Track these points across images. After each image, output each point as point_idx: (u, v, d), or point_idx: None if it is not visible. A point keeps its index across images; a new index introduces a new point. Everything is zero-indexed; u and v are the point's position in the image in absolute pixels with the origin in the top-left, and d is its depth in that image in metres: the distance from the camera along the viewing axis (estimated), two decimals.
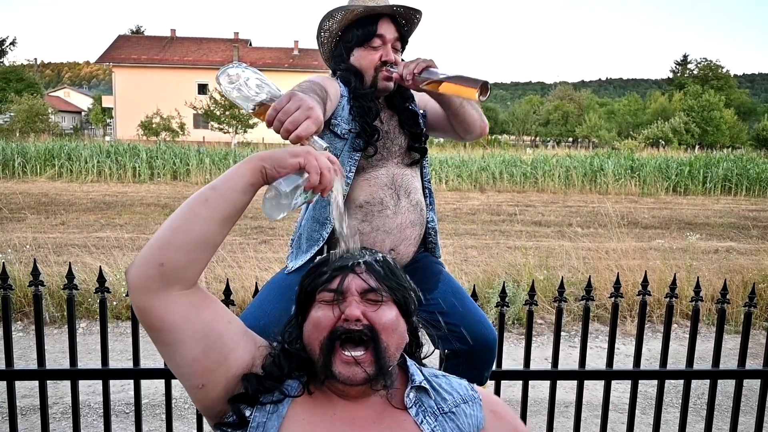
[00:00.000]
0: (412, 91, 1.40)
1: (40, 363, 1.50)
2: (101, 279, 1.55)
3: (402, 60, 1.36)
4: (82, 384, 2.14)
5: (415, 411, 0.81)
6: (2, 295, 1.46)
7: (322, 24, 1.37)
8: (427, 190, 1.45)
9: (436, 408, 0.83)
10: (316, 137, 0.89)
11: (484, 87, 1.17)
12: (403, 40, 1.38)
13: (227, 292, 1.63)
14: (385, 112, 1.38)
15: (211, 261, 0.76)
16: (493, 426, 0.85)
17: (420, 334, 0.91)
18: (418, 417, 0.81)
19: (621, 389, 2.71)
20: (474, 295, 1.60)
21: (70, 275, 1.53)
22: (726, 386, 2.57)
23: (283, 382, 0.81)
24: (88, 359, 3.09)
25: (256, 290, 1.60)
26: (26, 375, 1.52)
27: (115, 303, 3.73)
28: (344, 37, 1.36)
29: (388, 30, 1.33)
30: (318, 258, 0.90)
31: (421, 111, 1.45)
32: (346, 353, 0.76)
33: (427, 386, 0.84)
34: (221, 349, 0.80)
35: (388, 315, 0.80)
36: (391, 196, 1.33)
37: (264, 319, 1.31)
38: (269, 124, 0.91)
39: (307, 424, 0.77)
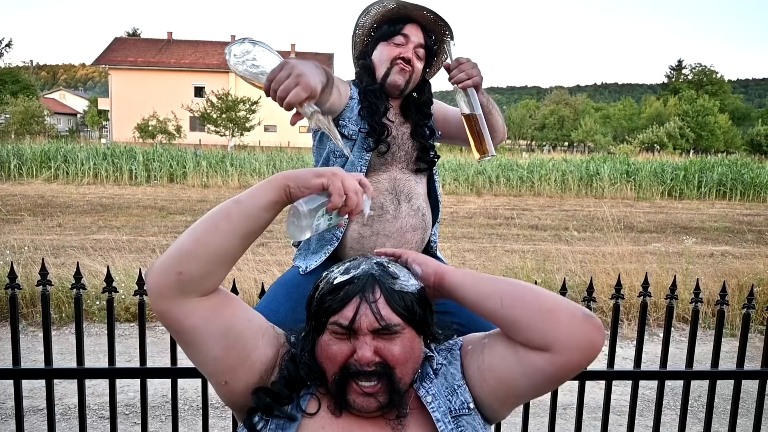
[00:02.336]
0: (432, 108, 1.44)
1: (47, 362, 1.50)
2: (109, 278, 1.56)
3: (414, 66, 1.35)
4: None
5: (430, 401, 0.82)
6: (10, 295, 1.46)
7: (358, 21, 1.41)
8: (433, 199, 1.44)
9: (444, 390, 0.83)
10: (308, 105, 0.87)
11: (486, 156, 1.29)
12: (428, 51, 1.39)
13: (233, 292, 1.64)
14: (396, 118, 1.40)
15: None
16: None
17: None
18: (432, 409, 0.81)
19: (619, 392, 2.73)
20: None
21: (78, 275, 1.53)
22: (723, 389, 2.60)
23: (294, 398, 0.81)
24: (86, 360, 3.08)
25: (262, 290, 1.61)
26: (34, 374, 1.52)
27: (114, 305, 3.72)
28: (375, 34, 1.40)
29: (414, 34, 1.36)
30: (334, 269, 0.86)
31: (438, 133, 1.46)
32: (360, 383, 0.77)
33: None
34: (243, 348, 0.80)
35: (402, 346, 0.78)
36: (392, 201, 1.34)
37: (272, 318, 1.31)
38: (267, 94, 0.90)
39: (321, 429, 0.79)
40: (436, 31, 1.40)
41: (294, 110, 0.88)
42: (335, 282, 0.81)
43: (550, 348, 0.75)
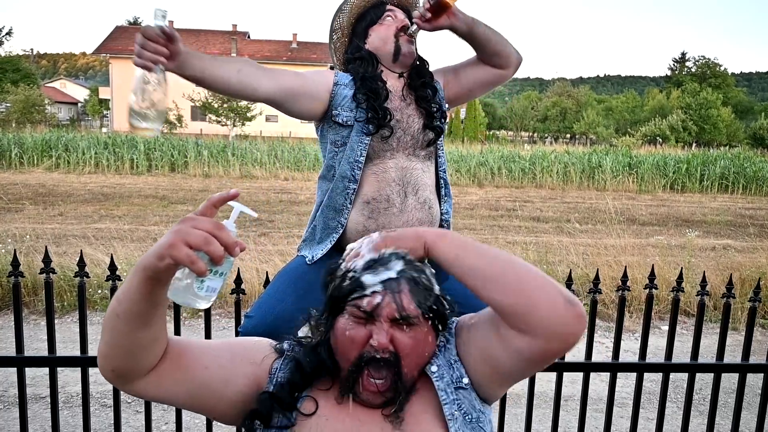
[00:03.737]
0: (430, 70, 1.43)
1: (50, 350, 1.49)
2: (112, 267, 1.55)
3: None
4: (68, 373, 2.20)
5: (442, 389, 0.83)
6: (14, 282, 1.45)
7: (332, 25, 1.40)
8: (442, 181, 1.44)
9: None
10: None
11: None
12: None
13: (238, 281, 1.64)
14: (398, 101, 1.38)
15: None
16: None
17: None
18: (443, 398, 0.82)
19: (620, 384, 2.74)
20: None
21: (81, 263, 1.52)
22: (725, 383, 2.60)
23: (298, 400, 0.81)
24: (72, 347, 3.08)
25: (267, 281, 1.60)
26: (38, 362, 1.52)
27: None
28: (356, 30, 1.40)
29: (398, 12, 1.39)
30: (346, 256, 0.87)
31: (446, 106, 1.45)
32: (370, 380, 0.79)
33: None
34: (213, 392, 0.81)
35: (415, 338, 0.80)
36: (398, 193, 1.31)
37: (278, 307, 1.32)
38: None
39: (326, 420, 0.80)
40: (410, 9, 1.43)
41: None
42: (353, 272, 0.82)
43: (527, 332, 0.75)
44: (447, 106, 1.45)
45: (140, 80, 1.03)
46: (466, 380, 0.83)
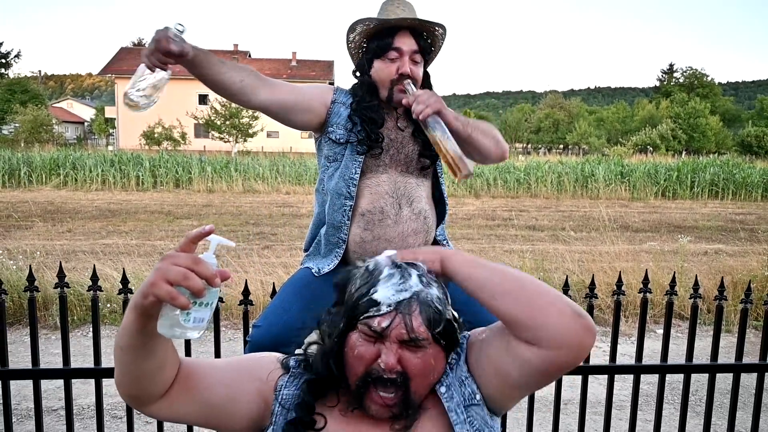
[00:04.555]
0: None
1: (65, 362, 1.53)
2: (124, 280, 1.59)
3: (414, 89, 1.32)
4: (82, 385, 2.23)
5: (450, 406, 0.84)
6: (29, 297, 1.49)
7: (347, 36, 1.41)
8: (436, 199, 1.43)
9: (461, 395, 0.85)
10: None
11: (462, 174, 1.25)
12: (424, 51, 1.38)
13: (246, 292, 1.68)
14: (396, 121, 1.40)
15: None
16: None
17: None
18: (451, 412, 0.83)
19: (618, 387, 2.78)
20: None
21: (94, 277, 1.57)
22: (721, 384, 2.65)
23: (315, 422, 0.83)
24: (82, 360, 3.09)
25: (274, 291, 1.65)
26: (53, 374, 1.55)
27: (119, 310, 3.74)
28: (368, 48, 1.39)
29: (405, 42, 1.34)
30: (360, 268, 0.87)
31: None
32: (378, 393, 0.79)
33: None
34: (221, 412, 0.84)
35: (425, 360, 0.80)
36: (392, 204, 1.33)
37: (285, 316, 1.36)
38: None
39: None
40: (427, 29, 1.38)
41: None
42: (368, 290, 0.82)
43: (537, 343, 0.77)
44: None
45: (140, 72, 1.19)
46: (478, 396, 0.83)
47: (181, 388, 0.82)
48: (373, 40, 1.38)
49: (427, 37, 1.40)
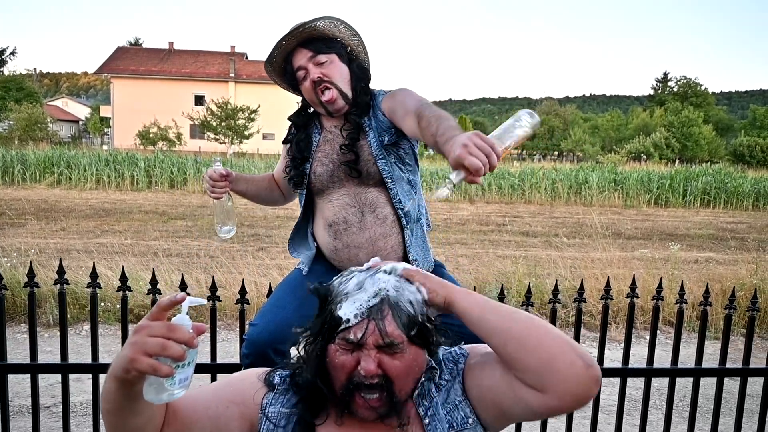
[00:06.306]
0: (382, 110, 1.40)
1: (63, 357, 1.55)
2: (123, 278, 1.62)
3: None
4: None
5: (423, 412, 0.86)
6: (29, 293, 1.52)
7: (270, 77, 1.48)
8: (400, 212, 1.39)
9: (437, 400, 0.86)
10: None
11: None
12: (323, 50, 1.37)
13: (242, 291, 1.71)
14: (327, 146, 1.43)
15: (210, 267, 0.77)
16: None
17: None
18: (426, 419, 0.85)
19: (605, 392, 2.83)
20: None
21: (94, 274, 1.59)
22: (705, 389, 2.71)
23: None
24: (76, 359, 3.11)
25: (269, 292, 1.68)
26: (51, 369, 1.57)
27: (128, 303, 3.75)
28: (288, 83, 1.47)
29: (301, 58, 1.37)
30: (337, 280, 0.88)
31: (386, 139, 1.40)
32: (364, 397, 0.81)
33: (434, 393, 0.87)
34: None
35: (404, 361, 0.81)
36: (355, 213, 1.38)
37: (280, 314, 1.41)
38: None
39: None
40: (312, 35, 1.37)
41: None
42: (341, 297, 0.83)
43: (544, 391, 0.77)
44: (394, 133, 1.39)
45: (219, 206, 1.52)
46: (471, 420, 0.85)
47: (171, 429, 0.82)
48: (285, 75, 1.44)
49: (319, 39, 1.39)
